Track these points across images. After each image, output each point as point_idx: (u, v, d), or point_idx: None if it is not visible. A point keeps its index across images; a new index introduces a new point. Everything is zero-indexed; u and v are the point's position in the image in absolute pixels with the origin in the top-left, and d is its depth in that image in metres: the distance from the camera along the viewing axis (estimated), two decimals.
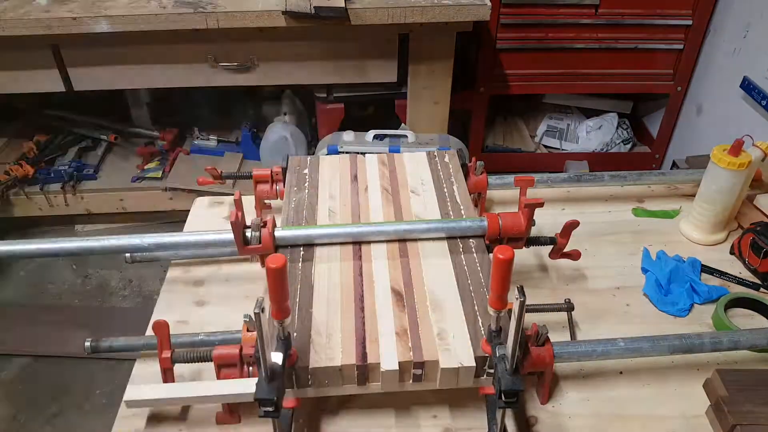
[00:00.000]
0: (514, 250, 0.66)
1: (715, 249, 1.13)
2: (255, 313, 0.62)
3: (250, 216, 0.99)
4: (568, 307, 0.90)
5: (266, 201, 1.11)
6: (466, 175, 1.07)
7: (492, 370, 0.74)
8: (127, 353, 0.88)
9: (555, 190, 1.25)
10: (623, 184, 1.23)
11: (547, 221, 1.17)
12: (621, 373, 0.88)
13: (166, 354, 0.78)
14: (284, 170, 1.06)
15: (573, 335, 0.93)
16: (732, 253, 1.12)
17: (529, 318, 0.89)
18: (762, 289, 1.03)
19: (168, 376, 0.79)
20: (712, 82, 2.22)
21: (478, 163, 1.08)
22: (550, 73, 2.23)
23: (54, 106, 2.52)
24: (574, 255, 0.97)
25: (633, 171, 1.20)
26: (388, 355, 0.73)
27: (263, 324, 0.63)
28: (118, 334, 0.89)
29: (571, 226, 0.92)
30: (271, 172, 1.06)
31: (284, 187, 1.04)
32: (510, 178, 1.10)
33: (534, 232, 0.97)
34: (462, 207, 0.98)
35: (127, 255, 1.04)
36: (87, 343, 0.87)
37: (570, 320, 0.93)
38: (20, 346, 2.03)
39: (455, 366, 0.72)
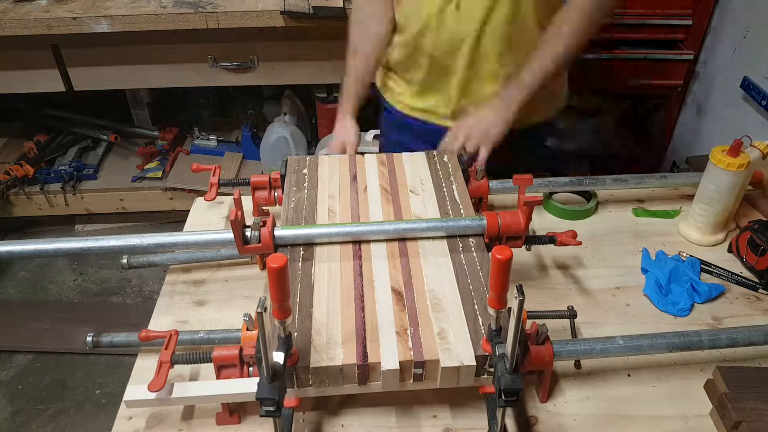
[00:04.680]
0: (514, 249, 0.66)
1: (714, 249, 1.13)
2: (257, 313, 0.62)
3: (250, 217, 0.99)
4: (571, 314, 0.90)
5: (264, 207, 1.11)
6: (467, 180, 1.07)
7: (492, 369, 0.74)
8: (128, 349, 0.89)
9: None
10: (625, 188, 1.23)
11: (548, 222, 1.18)
12: (629, 375, 0.89)
13: (167, 356, 0.78)
14: (282, 177, 1.06)
15: (574, 335, 0.93)
16: (730, 251, 1.12)
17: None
18: (761, 289, 1.04)
19: (163, 370, 0.78)
20: (712, 83, 2.22)
21: (478, 167, 1.08)
22: None
23: (54, 106, 2.52)
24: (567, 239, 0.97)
25: (634, 174, 1.20)
26: (388, 355, 0.73)
27: (265, 323, 0.63)
28: (119, 331, 0.90)
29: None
30: (269, 178, 1.06)
31: (282, 193, 1.04)
32: (511, 183, 1.10)
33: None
34: (461, 206, 0.98)
35: (124, 261, 1.04)
36: (89, 338, 0.88)
37: (572, 325, 0.93)
38: (21, 344, 2.04)
39: (456, 365, 0.72)
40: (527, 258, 1.09)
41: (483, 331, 0.76)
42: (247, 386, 0.75)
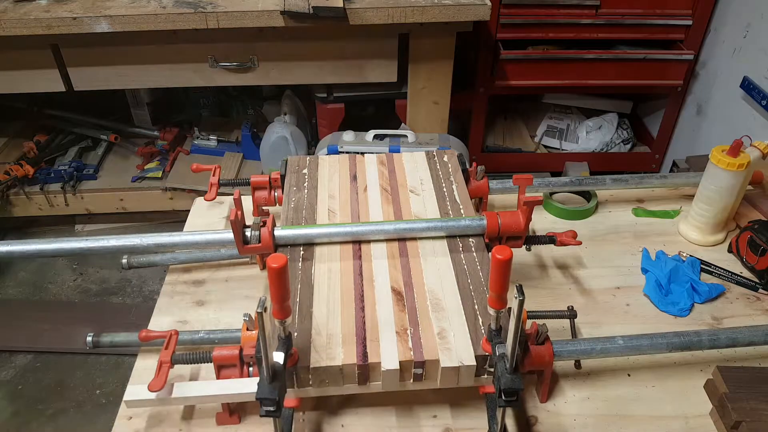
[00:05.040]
0: (514, 249, 0.66)
1: (714, 249, 1.13)
2: (257, 313, 0.62)
3: (250, 217, 0.99)
4: (571, 314, 0.90)
5: (264, 207, 1.11)
6: (467, 180, 1.06)
7: (492, 369, 0.74)
8: (128, 349, 0.89)
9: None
10: (624, 188, 1.23)
11: (548, 222, 1.18)
12: (629, 375, 0.89)
13: (167, 356, 0.78)
14: (282, 177, 1.06)
15: (574, 335, 0.93)
16: (730, 251, 1.12)
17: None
18: (761, 289, 1.04)
19: (163, 370, 0.78)
20: (712, 82, 2.22)
21: (478, 168, 1.08)
22: (549, 72, 2.24)
23: (54, 106, 2.52)
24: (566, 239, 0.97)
25: (635, 174, 1.20)
26: (388, 355, 0.73)
27: (265, 324, 0.63)
28: (119, 330, 0.90)
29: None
30: (269, 178, 1.06)
31: (282, 193, 1.03)
32: (511, 183, 1.09)
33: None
34: (461, 206, 0.98)
35: (124, 261, 1.04)
36: (89, 338, 0.88)
37: (572, 325, 0.93)
38: (21, 344, 2.03)
39: (456, 365, 0.72)
40: (527, 258, 1.09)
41: (483, 331, 0.76)
42: (247, 386, 0.75)
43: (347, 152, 1.70)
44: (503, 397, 0.69)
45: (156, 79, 1.97)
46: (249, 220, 0.91)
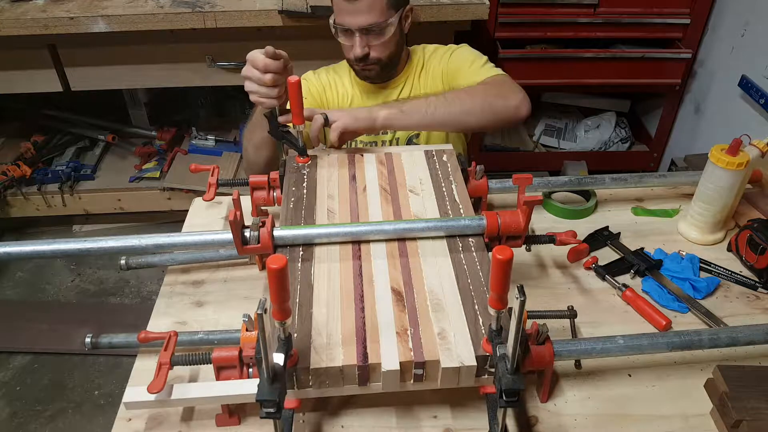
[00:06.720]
0: (513, 249, 0.66)
1: (714, 248, 1.13)
2: (258, 314, 0.61)
3: (249, 217, 0.99)
4: (571, 314, 0.90)
5: (263, 208, 1.10)
6: (467, 180, 1.06)
7: (493, 369, 0.74)
8: (126, 350, 0.89)
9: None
10: (624, 187, 1.23)
11: (548, 221, 1.18)
12: (629, 375, 0.88)
13: (166, 357, 0.78)
14: (281, 177, 1.06)
15: (574, 335, 0.93)
16: (729, 250, 1.12)
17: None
18: (761, 288, 1.04)
19: (162, 372, 0.78)
20: (710, 81, 2.22)
21: (478, 167, 1.08)
22: (548, 71, 2.23)
23: (51, 106, 2.51)
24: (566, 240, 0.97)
25: (634, 173, 1.20)
26: (388, 355, 0.73)
27: (265, 325, 0.63)
28: (117, 331, 0.89)
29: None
30: (268, 178, 1.06)
31: (281, 193, 1.03)
32: (510, 182, 1.09)
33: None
34: (461, 205, 0.98)
35: (122, 262, 1.03)
36: (87, 339, 0.87)
37: (572, 325, 0.93)
38: (19, 345, 2.03)
39: (456, 365, 0.72)
40: (527, 258, 1.09)
41: (483, 331, 0.76)
42: (246, 387, 0.75)
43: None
44: (504, 398, 0.69)
45: (153, 79, 1.97)
46: (248, 220, 0.90)
